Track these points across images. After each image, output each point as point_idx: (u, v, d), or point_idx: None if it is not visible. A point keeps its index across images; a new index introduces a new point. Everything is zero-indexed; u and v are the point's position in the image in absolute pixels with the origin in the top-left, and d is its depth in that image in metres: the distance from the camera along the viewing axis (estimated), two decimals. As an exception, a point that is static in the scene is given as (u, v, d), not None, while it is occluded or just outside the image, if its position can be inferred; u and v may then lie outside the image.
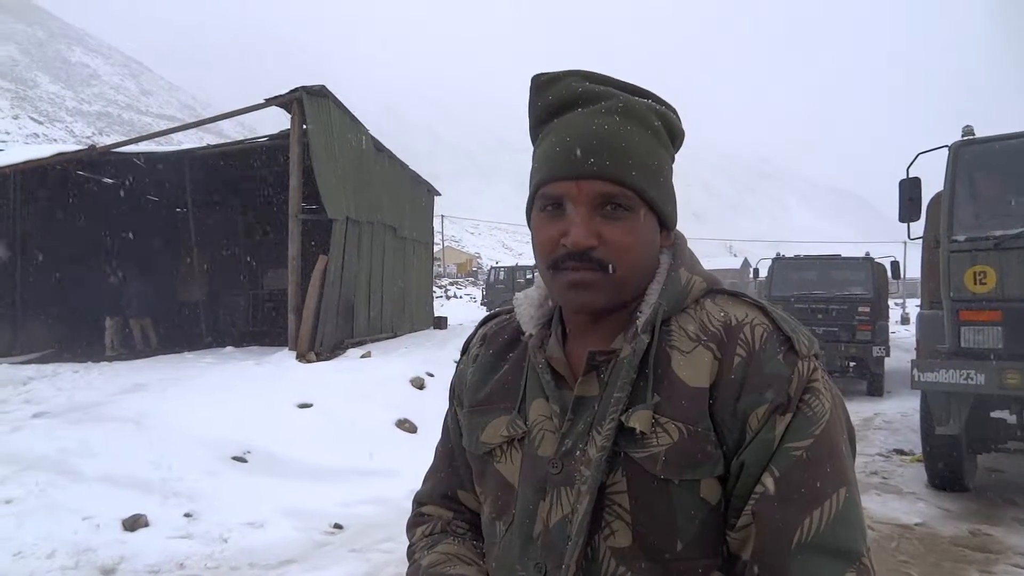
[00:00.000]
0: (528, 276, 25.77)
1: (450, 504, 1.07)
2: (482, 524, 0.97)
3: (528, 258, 58.77)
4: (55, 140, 60.13)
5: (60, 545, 3.95)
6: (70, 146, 14.84)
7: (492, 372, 0.99)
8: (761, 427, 0.79)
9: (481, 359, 1.02)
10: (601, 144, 0.83)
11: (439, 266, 50.72)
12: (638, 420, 0.80)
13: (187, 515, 4.57)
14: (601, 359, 0.86)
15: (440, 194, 16.68)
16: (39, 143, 51.90)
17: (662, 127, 0.89)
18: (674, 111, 0.93)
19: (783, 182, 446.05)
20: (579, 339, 0.92)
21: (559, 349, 0.91)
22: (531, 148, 0.93)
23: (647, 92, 0.92)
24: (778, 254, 12.72)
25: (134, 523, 4.32)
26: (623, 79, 0.91)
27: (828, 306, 11.21)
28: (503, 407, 0.94)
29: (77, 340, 13.10)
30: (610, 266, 0.84)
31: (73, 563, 3.81)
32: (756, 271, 16.04)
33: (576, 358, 0.90)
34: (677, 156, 0.95)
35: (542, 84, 0.91)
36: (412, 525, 1.08)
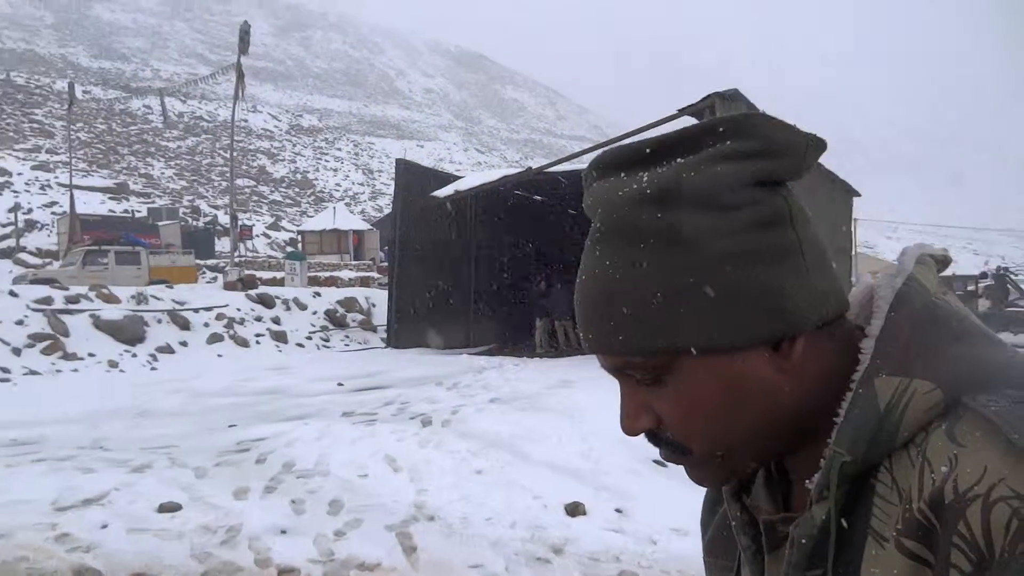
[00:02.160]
0: (963, 290, 21.72)
1: None
2: None
3: (955, 267, 49.33)
4: (493, 166, 71.67)
5: (519, 518, 4.56)
6: (505, 171, 17.41)
7: (715, 505, 0.76)
8: None
9: None
10: (588, 305, 0.60)
11: (852, 276, 46.06)
12: None
13: (618, 511, 4.86)
14: (783, 531, 0.61)
15: (860, 194, 15.12)
16: (482, 170, 62.42)
17: (663, 219, 0.55)
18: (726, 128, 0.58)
19: None
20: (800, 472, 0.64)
21: (766, 498, 0.66)
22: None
23: (649, 148, 0.57)
24: None
25: (574, 509, 4.75)
26: (645, 138, 0.59)
27: None
28: (723, 563, 0.74)
29: (513, 337, 15.30)
30: (685, 448, 0.61)
31: (529, 536, 4.35)
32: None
33: (797, 502, 0.64)
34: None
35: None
36: None
